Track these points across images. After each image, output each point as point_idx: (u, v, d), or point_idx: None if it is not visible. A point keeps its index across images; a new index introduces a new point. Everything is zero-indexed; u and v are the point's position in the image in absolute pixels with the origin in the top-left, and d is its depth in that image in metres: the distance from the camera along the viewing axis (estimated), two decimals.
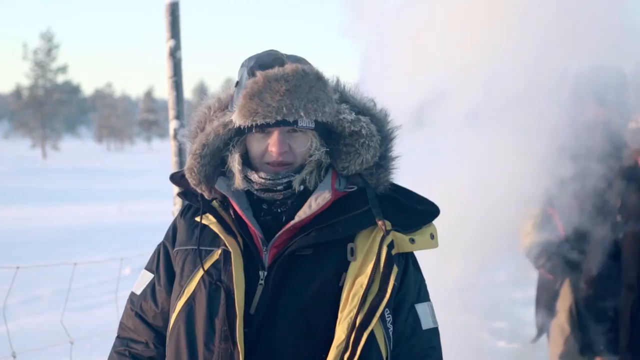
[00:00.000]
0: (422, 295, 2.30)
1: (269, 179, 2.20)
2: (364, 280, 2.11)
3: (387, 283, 2.12)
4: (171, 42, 4.44)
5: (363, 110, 2.29)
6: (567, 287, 5.03)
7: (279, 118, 2.13)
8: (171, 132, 4.52)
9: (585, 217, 4.92)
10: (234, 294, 2.14)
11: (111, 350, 2.49)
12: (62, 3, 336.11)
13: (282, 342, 2.13)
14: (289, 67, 2.16)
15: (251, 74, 2.18)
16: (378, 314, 2.09)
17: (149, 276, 2.44)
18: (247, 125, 2.16)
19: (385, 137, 2.28)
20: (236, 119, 2.18)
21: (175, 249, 2.37)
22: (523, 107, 4.89)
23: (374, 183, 2.26)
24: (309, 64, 2.26)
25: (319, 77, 2.18)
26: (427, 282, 2.37)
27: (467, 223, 5.04)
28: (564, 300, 5.04)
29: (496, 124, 4.97)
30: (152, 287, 2.42)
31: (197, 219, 2.31)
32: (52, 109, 78.77)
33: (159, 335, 2.39)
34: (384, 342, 2.14)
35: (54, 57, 79.78)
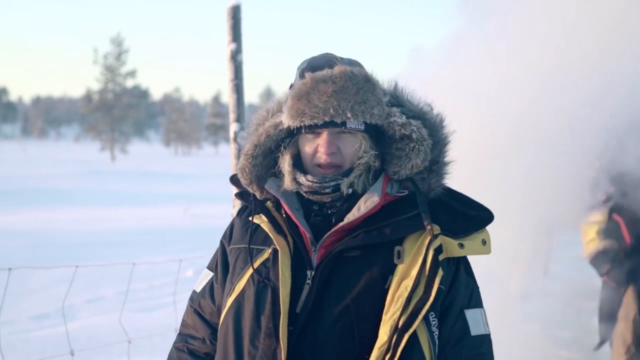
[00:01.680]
0: (474, 301, 2.28)
1: (317, 182, 2.23)
2: (409, 283, 2.12)
3: (432, 286, 2.12)
4: (232, 46, 4.45)
5: (418, 114, 2.29)
6: (630, 296, 4.95)
7: (326, 119, 2.16)
8: (231, 134, 4.52)
9: None
10: (279, 291, 2.18)
11: (172, 346, 2.58)
12: (132, 8, 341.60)
13: (325, 341, 2.14)
14: (337, 68, 2.19)
15: (301, 75, 2.23)
16: (421, 316, 2.09)
17: (209, 274, 2.52)
18: (296, 126, 2.21)
19: (438, 142, 2.28)
20: (285, 119, 2.23)
21: (230, 247, 2.43)
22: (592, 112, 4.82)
23: (426, 188, 2.26)
24: (362, 66, 2.28)
25: (367, 79, 2.20)
26: (491, 289, 2.36)
27: (530, 228, 4.98)
28: (627, 309, 4.95)
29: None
30: (210, 285, 2.50)
31: (251, 218, 2.36)
32: (121, 112, 79.89)
33: (216, 332, 2.43)
34: (428, 346, 2.14)
35: (123, 61, 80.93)
